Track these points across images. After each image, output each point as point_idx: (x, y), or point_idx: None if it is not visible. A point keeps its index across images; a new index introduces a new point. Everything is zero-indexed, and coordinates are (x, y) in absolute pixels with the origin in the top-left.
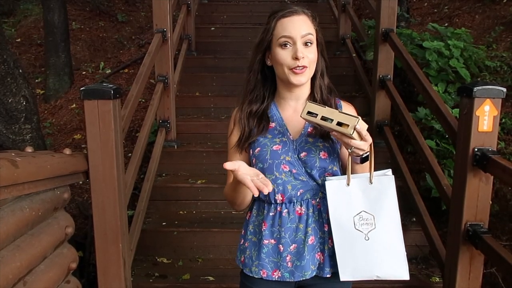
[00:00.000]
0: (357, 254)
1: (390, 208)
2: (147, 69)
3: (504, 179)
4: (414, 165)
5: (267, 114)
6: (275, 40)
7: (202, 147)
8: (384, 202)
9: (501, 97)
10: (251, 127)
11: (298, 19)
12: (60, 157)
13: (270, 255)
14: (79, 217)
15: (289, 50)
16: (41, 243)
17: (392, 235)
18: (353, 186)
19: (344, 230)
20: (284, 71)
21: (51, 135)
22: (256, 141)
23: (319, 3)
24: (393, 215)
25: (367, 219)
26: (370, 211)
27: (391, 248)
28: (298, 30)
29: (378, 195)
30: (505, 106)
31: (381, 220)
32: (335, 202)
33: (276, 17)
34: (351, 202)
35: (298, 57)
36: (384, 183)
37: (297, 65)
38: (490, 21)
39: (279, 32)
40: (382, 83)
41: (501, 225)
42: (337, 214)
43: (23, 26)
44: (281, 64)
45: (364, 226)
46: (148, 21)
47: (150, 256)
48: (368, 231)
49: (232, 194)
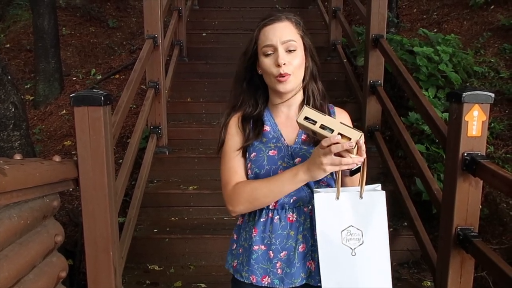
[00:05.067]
0: (342, 268)
1: (379, 224)
2: (138, 75)
3: (493, 183)
4: (405, 169)
5: (261, 118)
6: (259, 49)
7: (194, 153)
8: (374, 218)
9: (489, 102)
10: (247, 130)
11: (279, 26)
12: (49, 165)
13: (260, 261)
14: (69, 224)
15: (272, 57)
16: (30, 252)
17: (379, 252)
18: (342, 200)
19: (331, 244)
20: (270, 79)
21: (40, 142)
22: (251, 145)
23: (310, 9)
24: (382, 231)
25: (355, 234)
26: (359, 226)
27: (377, 264)
28: (278, 37)
29: (368, 211)
30: (493, 111)
31: (369, 236)
32: (323, 215)
33: (259, 26)
34: (340, 216)
35: (280, 63)
36: (375, 198)
37: (279, 73)
38: (478, 27)
39: (262, 41)
40: (373, 88)
41: (491, 229)
42: (324, 227)
43: (13, 31)
44: (267, 72)
45: (351, 241)
46: (139, 26)
47: (141, 263)
48: (355, 247)
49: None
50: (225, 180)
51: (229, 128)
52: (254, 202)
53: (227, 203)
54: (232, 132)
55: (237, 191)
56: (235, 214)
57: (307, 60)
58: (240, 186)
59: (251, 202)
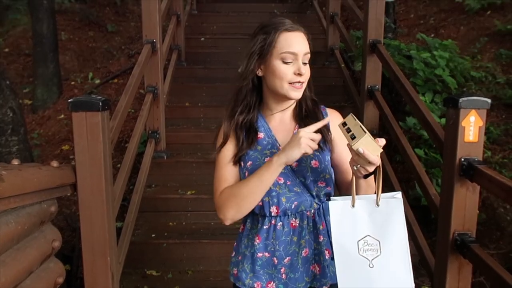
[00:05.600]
0: (360, 281)
1: (397, 234)
2: (136, 80)
3: (490, 189)
4: (403, 174)
5: (254, 125)
6: (276, 53)
7: (192, 158)
8: (391, 227)
9: (486, 108)
10: (241, 138)
11: (301, 36)
12: (47, 170)
13: (265, 267)
14: (66, 229)
15: (291, 65)
16: (27, 258)
17: (399, 264)
18: (358, 208)
19: (347, 254)
20: (282, 85)
21: (38, 146)
22: (246, 154)
23: (308, 14)
24: (401, 241)
25: (372, 244)
26: (376, 236)
27: (396, 278)
28: (302, 48)
29: (385, 219)
30: (490, 116)
31: (387, 246)
32: (338, 224)
33: (279, 30)
34: (355, 225)
35: (302, 73)
36: (392, 206)
37: (298, 81)
38: (474, 32)
39: (282, 46)
40: (371, 93)
41: (488, 234)
42: (340, 237)
43: (11, 36)
44: (281, 78)
45: (368, 252)
46: (138, 31)
47: (139, 268)
48: (373, 258)
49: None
50: (215, 188)
51: (220, 136)
52: (240, 203)
53: (217, 212)
54: (224, 140)
55: (224, 197)
56: (227, 221)
57: None
58: (226, 191)
59: (239, 203)
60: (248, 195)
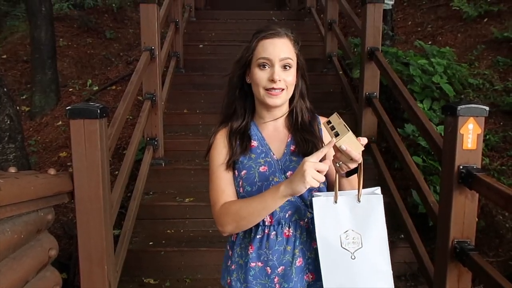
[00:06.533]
0: (343, 272)
1: (377, 228)
2: (134, 87)
3: (489, 196)
4: (402, 181)
5: (248, 133)
6: (254, 60)
7: (190, 165)
8: (372, 222)
9: (484, 116)
10: (234, 145)
11: (279, 42)
12: (44, 178)
13: (258, 277)
14: (63, 237)
15: (267, 71)
16: (23, 267)
17: (379, 256)
18: (340, 203)
19: (330, 247)
20: (259, 91)
21: (36, 153)
22: (240, 162)
23: (306, 21)
24: (381, 235)
25: (354, 238)
26: (358, 230)
27: (377, 268)
28: (277, 53)
29: (366, 214)
30: (488, 123)
31: (368, 239)
32: (322, 219)
33: (259, 37)
34: (338, 220)
35: (275, 79)
36: (372, 202)
37: (272, 87)
38: (471, 39)
39: (259, 53)
40: (369, 100)
41: (487, 241)
42: (324, 231)
43: (9, 42)
44: (257, 84)
45: (350, 245)
46: (136, 37)
47: (136, 277)
48: (355, 250)
49: (261, 216)
50: (213, 200)
51: (216, 145)
52: (240, 221)
53: (216, 223)
54: (219, 149)
55: (223, 212)
56: (226, 234)
57: (298, 79)
58: (226, 207)
59: (238, 221)
60: (247, 216)
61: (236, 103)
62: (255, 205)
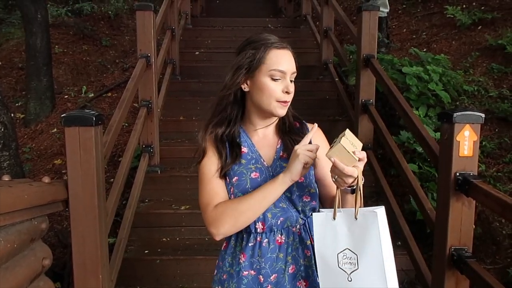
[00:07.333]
0: None
1: (373, 249)
2: (130, 94)
3: (486, 203)
4: (398, 188)
5: (236, 140)
6: (265, 70)
7: (186, 172)
8: (368, 242)
9: (480, 122)
10: (223, 153)
11: (289, 55)
12: (38, 186)
13: (251, 286)
14: (57, 246)
15: (280, 83)
16: (16, 277)
17: (375, 280)
18: (339, 220)
19: (328, 266)
20: (270, 102)
21: (30, 161)
22: (231, 169)
23: (302, 29)
24: (376, 257)
25: (351, 258)
26: (354, 249)
27: None
28: (290, 67)
29: (362, 233)
30: (484, 130)
31: (364, 261)
32: (321, 235)
33: (269, 46)
34: (336, 237)
35: (290, 91)
36: (368, 220)
37: (285, 100)
38: (466, 47)
39: (272, 63)
40: (365, 107)
41: (484, 248)
42: (323, 248)
43: (5, 49)
44: (269, 95)
45: (347, 265)
46: (132, 45)
47: (131, 286)
48: (351, 272)
49: (261, 208)
50: (205, 202)
51: (207, 150)
52: (239, 217)
53: (209, 225)
54: (209, 155)
55: (219, 211)
56: (219, 237)
57: None
58: (222, 205)
59: (237, 217)
60: (247, 210)
61: (228, 109)
62: (255, 197)
